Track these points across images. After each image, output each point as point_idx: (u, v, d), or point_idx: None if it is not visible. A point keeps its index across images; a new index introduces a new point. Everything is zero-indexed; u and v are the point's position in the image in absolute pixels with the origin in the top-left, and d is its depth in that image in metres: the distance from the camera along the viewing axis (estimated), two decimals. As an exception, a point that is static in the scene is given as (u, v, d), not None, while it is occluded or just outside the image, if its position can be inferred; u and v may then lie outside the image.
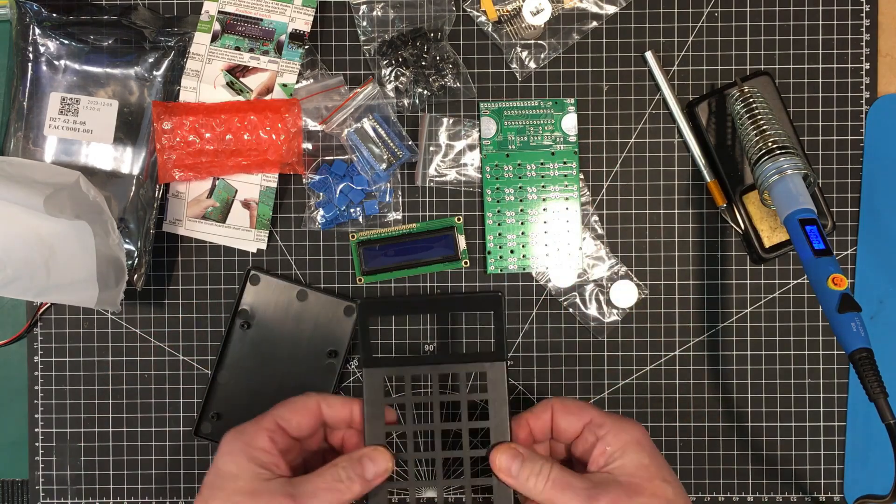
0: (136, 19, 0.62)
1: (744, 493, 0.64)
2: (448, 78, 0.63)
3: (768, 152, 0.58)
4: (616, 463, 0.50)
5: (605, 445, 0.51)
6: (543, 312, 0.64)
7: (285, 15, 0.62)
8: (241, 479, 0.49)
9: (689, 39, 0.64)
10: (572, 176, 0.64)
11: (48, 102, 0.62)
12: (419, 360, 0.55)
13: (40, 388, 0.64)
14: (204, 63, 0.62)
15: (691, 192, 0.64)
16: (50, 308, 0.64)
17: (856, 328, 0.52)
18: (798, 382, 0.64)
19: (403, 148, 0.62)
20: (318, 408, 0.53)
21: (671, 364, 0.64)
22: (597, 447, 0.51)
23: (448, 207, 0.64)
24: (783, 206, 0.57)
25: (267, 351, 0.64)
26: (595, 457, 0.51)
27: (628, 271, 0.64)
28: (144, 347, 0.65)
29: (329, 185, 0.63)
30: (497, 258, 0.64)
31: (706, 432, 0.64)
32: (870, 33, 0.64)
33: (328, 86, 0.63)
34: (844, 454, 0.64)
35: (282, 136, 0.61)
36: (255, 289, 0.64)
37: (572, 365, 0.64)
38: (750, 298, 0.64)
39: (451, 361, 0.54)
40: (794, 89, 0.64)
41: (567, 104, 0.64)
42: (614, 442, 0.51)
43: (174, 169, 0.61)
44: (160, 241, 0.64)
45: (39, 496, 0.65)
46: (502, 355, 0.53)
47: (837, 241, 0.64)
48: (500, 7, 0.63)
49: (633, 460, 0.50)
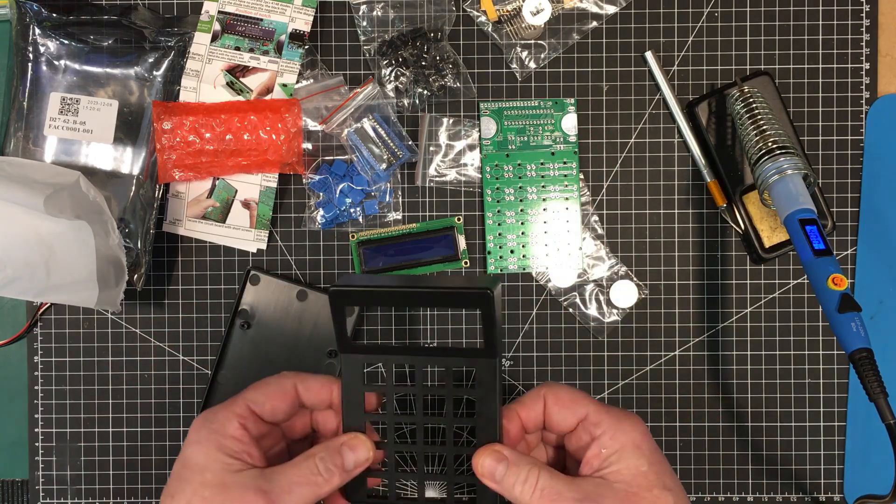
0: (136, 19, 0.62)
1: (744, 493, 0.64)
2: (448, 78, 0.63)
3: (768, 152, 0.58)
4: (611, 468, 0.46)
5: (601, 447, 0.47)
6: (543, 312, 0.64)
7: (285, 15, 0.62)
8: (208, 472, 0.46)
9: (689, 39, 0.64)
10: (572, 176, 0.64)
11: (48, 102, 0.62)
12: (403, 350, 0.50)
13: (40, 388, 0.64)
14: (204, 63, 0.62)
15: (691, 192, 0.64)
16: (50, 308, 0.64)
17: (856, 328, 0.52)
18: (798, 382, 0.64)
19: (403, 148, 0.62)
20: (295, 389, 0.50)
21: (671, 364, 0.64)
22: (591, 448, 0.47)
23: (448, 207, 0.64)
24: (783, 206, 0.57)
25: (267, 351, 0.64)
26: (589, 458, 0.47)
27: (628, 271, 0.64)
28: (144, 347, 0.65)
29: (329, 185, 0.63)
30: (497, 258, 0.64)
31: (706, 432, 0.64)
32: (870, 33, 0.64)
33: (328, 86, 0.63)
34: (844, 454, 0.64)
35: (282, 136, 0.61)
36: (255, 289, 0.64)
37: (572, 365, 0.64)
38: (750, 298, 0.64)
39: (437, 354, 0.50)
40: (794, 89, 0.64)
41: (567, 104, 0.64)
42: (611, 444, 0.47)
43: (174, 169, 0.61)
44: (160, 241, 0.64)
45: (39, 496, 0.65)
46: (493, 352, 0.48)
47: (837, 241, 0.64)
48: (500, 7, 0.63)
49: (631, 466, 0.46)
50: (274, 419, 0.50)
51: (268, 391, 0.49)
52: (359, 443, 0.48)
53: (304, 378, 0.50)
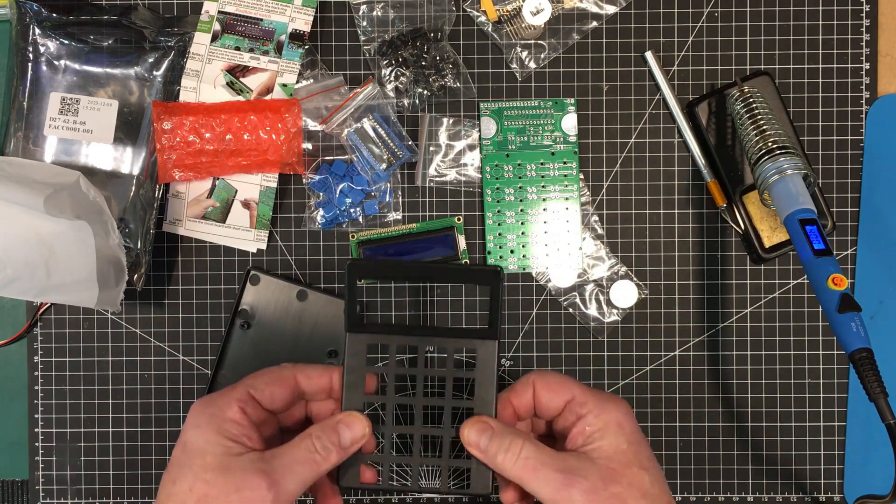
0: (136, 19, 0.62)
1: (744, 493, 0.64)
2: (448, 78, 0.63)
3: (768, 152, 0.58)
4: (594, 444, 0.48)
5: (585, 425, 0.49)
6: (543, 312, 0.64)
7: (285, 15, 0.62)
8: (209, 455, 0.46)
9: (689, 39, 0.64)
10: (572, 176, 0.64)
11: (48, 102, 0.62)
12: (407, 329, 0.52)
13: (40, 388, 0.64)
14: (204, 63, 0.62)
15: (691, 192, 0.64)
16: (50, 308, 0.64)
17: (856, 328, 0.52)
18: (798, 382, 0.64)
19: (403, 148, 0.62)
20: (294, 379, 0.50)
21: (671, 364, 0.64)
22: (577, 426, 0.49)
23: (448, 207, 0.64)
24: (783, 206, 0.57)
25: (267, 351, 0.64)
26: (574, 435, 0.49)
27: (628, 271, 0.64)
28: (144, 347, 0.65)
29: (329, 185, 0.63)
30: (497, 258, 0.64)
31: (706, 432, 0.64)
32: (870, 33, 0.64)
33: (328, 86, 0.63)
34: (844, 454, 0.64)
35: (282, 136, 0.61)
36: (255, 289, 0.64)
37: (572, 365, 0.64)
38: (750, 298, 0.64)
39: (440, 335, 0.52)
40: (794, 89, 0.64)
41: (567, 104, 0.64)
42: (595, 422, 0.48)
43: (174, 169, 0.61)
44: (160, 241, 0.64)
45: (39, 496, 0.65)
46: (495, 334, 0.51)
47: (837, 241, 0.64)
48: (500, 7, 0.63)
49: (612, 444, 0.48)
50: (273, 407, 0.50)
51: (268, 379, 0.50)
52: (354, 420, 0.49)
53: (303, 367, 0.51)
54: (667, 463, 0.64)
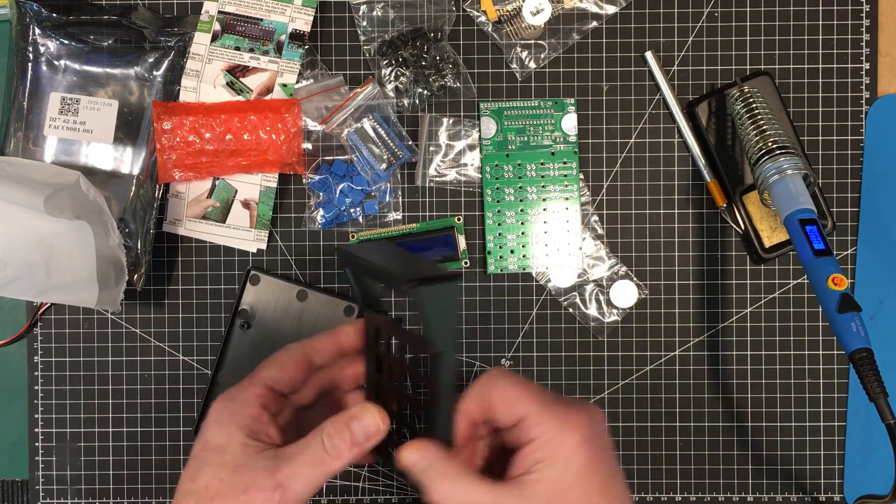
0: (136, 19, 0.62)
1: (744, 493, 0.64)
2: (448, 78, 0.63)
3: (768, 152, 0.58)
4: (535, 475, 0.43)
5: (533, 450, 0.43)
6: (543, 312, 0.64)
7: (285, 15, 0.62)
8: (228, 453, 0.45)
9: (689, 39, 0.64)
10: (572, 176, 0.64)
11: (48, 102, 0.62)
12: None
13: (40, 388, 0.64)
14: (204, 63, 0.62)
15: (691, 192, 0.64)
16: (50, 308, 0.64)
17: (856, 328, 0.52)
18: (798, 382, 0.64)
19: (403, 148, 0.62)
20: (305, 355, 0.49)
21: (671, 364, 0.64)
22: (524, 448, 0.44)
23: (448, 207, 0.64)
24: (783, 206, 0.57)
25: (267, 351, 0.63)
26: (519, 458, 0.44)
27: (628, 271, 0.64)
28: (144, 347, 0.65)
29: (329, 185, 0.63)
30: (497, 258, 0.64)
31: (706, 432, 0.64)
32: (870, 33, 0.64)
33: (328, 86, 0.63)
34: (844, 454, 0.64)
35: (282, 136, 0.61)
36: (255, 289, 0.64)
37: (572, 365, 0.64)
38: (750, 298, 0.64)
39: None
40: (794, 89, 0.64)
41: (567, 104, 0.64)
42: (543, 449, 0.43)
43: (174, 169, 0.61)
44: (160, 241, 0.64)
45: (39, 496, 0.65)
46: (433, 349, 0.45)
47: (837, 241, 0.64)
48: (500, 7, 0.63)
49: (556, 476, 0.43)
50: (292, 390, 0.49)
51: (282, 366, 0.49)
52: (365, 413, 0.46)
53: (309, 342, 0.50)
54: (667, 463, 0.64)
